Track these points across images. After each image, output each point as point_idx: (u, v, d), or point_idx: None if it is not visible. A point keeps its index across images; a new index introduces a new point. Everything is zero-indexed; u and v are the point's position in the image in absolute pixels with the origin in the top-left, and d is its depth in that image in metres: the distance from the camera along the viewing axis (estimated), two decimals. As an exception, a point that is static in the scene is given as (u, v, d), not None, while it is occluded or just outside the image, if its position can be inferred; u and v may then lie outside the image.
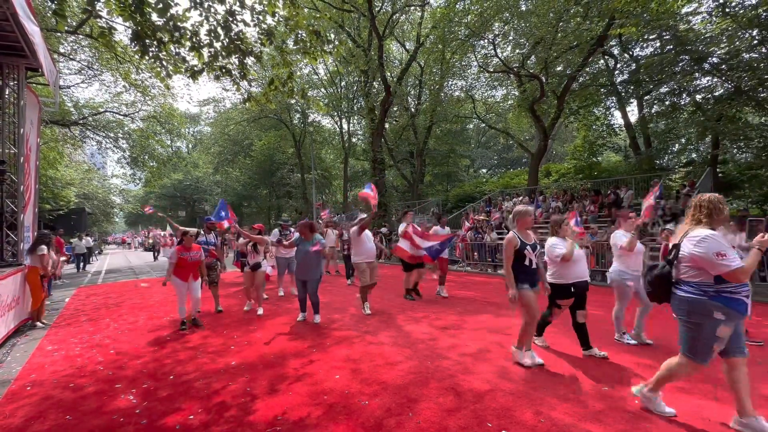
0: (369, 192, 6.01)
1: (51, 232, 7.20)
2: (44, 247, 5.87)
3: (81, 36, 13.26)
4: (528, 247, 3.52)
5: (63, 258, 10.17)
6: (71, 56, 15.18)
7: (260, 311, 6.17)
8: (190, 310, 5.51)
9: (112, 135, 18.25)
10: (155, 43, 4.12)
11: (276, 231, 7.73)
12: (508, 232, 3.73)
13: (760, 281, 6.86)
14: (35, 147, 7.85)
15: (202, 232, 6.56)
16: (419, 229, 6.96)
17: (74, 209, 23.49)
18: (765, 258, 6.77)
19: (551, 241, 3.90)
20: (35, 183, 8.02)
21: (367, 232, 6.07)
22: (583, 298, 3.83)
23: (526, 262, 3.53)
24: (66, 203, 21.88)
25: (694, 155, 16.58)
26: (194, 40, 4.18)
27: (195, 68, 4.37)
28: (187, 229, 5.94)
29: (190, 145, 43.16)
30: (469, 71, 20.78)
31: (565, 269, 3.77)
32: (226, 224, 7.04)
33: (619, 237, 4.20)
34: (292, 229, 7.34)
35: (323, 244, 5.52)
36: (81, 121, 17.00)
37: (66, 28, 12.19)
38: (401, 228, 6.84)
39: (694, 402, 2.82)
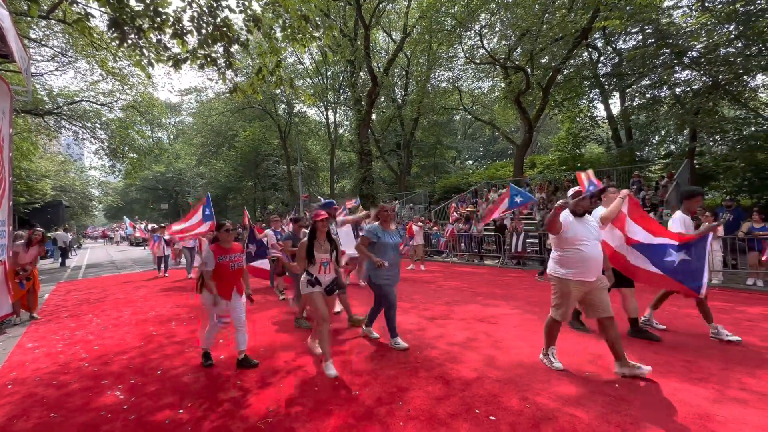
0: (582, 176, 3.56)
1: (36, 228, 6.95)
2: None
3: (53, 21, 12.67)
4: None
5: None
6: (43, 42, 14.52)
7: (332, 370, 3.37)
8: (237, 341, 3.67)
9: (89, 125, 17.61)
10: (134, 30, 3.98)
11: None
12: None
13: (731, 268, 7.17)
14: (8, 138, 7.48)
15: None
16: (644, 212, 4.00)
17: (51, 202, 22.71)
18: (734, 243, 7.07)
19: None
20: (9, 175, 7.70)
21: (588, 226, 3.24)
22: None
23: None
24: (42, 196, 21.13)
25: (672, 147, 17.04)
26: (177, 26, 4.05)
27: (178, 57, 4.24)
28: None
29: (172, 136, 42.06)
30: (455, 62, 20.76)
31: None
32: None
33: None
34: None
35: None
36: (55, 111, 16.34)
37: (37, 12, 11.63)
38: (600, 211, 3.85)
39: (672, 385, 2.95)
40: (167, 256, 10.76)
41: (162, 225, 15.07)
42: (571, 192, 3.49)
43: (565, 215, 3.26)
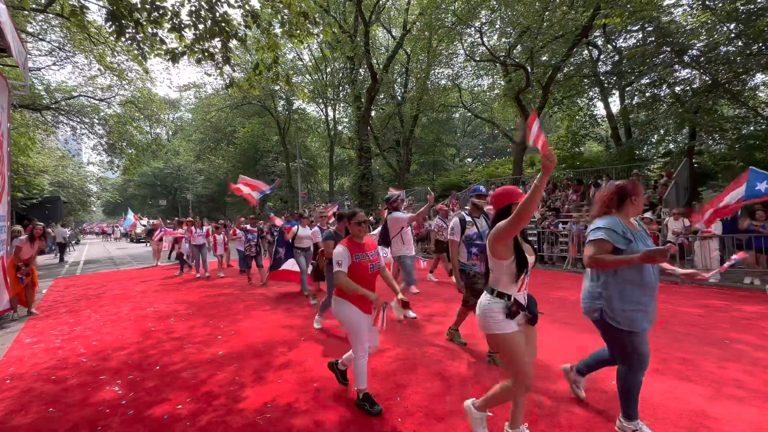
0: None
1: (37, 223, 6.94)
2: None
3: (51, 15, 12.58)
4: None
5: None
6: (40, 36, 14.43)
7: None
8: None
9: (87, 120, 17.54)
10: (132, 23, 3.95)
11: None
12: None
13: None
14: (6, 133, 7.46)
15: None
16: None
17: (49, 198, 22.63)
18: (732, 242, 7.09)
19: None
20: (7, 170, 7.67)
21: None
22: None
23: None
24: (39, 191, 21.05)
25: (671, 146, 17.02)
26: (175, 21, 4.02)
27: (176, 51, 4.21)
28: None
29: (170, 132, 41.94)
30: (455, 60, 20.70)
31: None
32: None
33: None
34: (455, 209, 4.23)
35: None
36: (53, 106, 16.26)
37: (34, 6, 11.54)
38: None
39: (668, 382, 2.97)
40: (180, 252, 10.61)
41: (171, 219, 14.97)
42: None
43: None
